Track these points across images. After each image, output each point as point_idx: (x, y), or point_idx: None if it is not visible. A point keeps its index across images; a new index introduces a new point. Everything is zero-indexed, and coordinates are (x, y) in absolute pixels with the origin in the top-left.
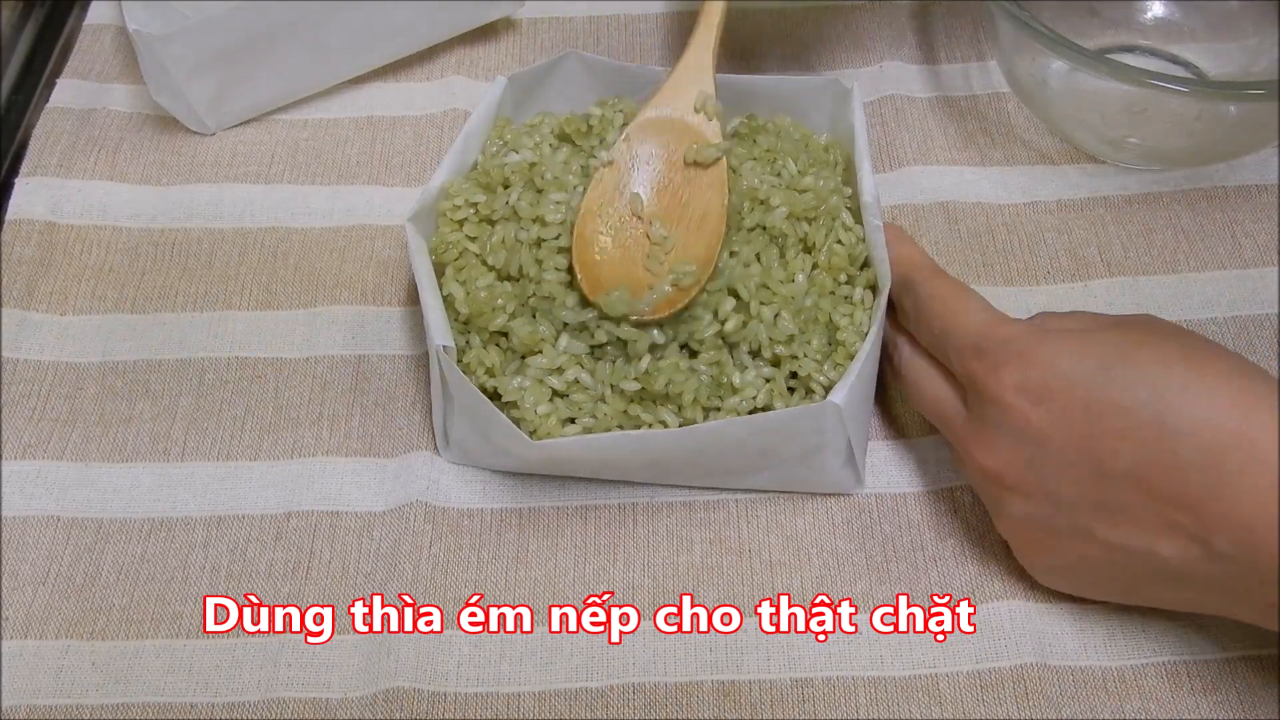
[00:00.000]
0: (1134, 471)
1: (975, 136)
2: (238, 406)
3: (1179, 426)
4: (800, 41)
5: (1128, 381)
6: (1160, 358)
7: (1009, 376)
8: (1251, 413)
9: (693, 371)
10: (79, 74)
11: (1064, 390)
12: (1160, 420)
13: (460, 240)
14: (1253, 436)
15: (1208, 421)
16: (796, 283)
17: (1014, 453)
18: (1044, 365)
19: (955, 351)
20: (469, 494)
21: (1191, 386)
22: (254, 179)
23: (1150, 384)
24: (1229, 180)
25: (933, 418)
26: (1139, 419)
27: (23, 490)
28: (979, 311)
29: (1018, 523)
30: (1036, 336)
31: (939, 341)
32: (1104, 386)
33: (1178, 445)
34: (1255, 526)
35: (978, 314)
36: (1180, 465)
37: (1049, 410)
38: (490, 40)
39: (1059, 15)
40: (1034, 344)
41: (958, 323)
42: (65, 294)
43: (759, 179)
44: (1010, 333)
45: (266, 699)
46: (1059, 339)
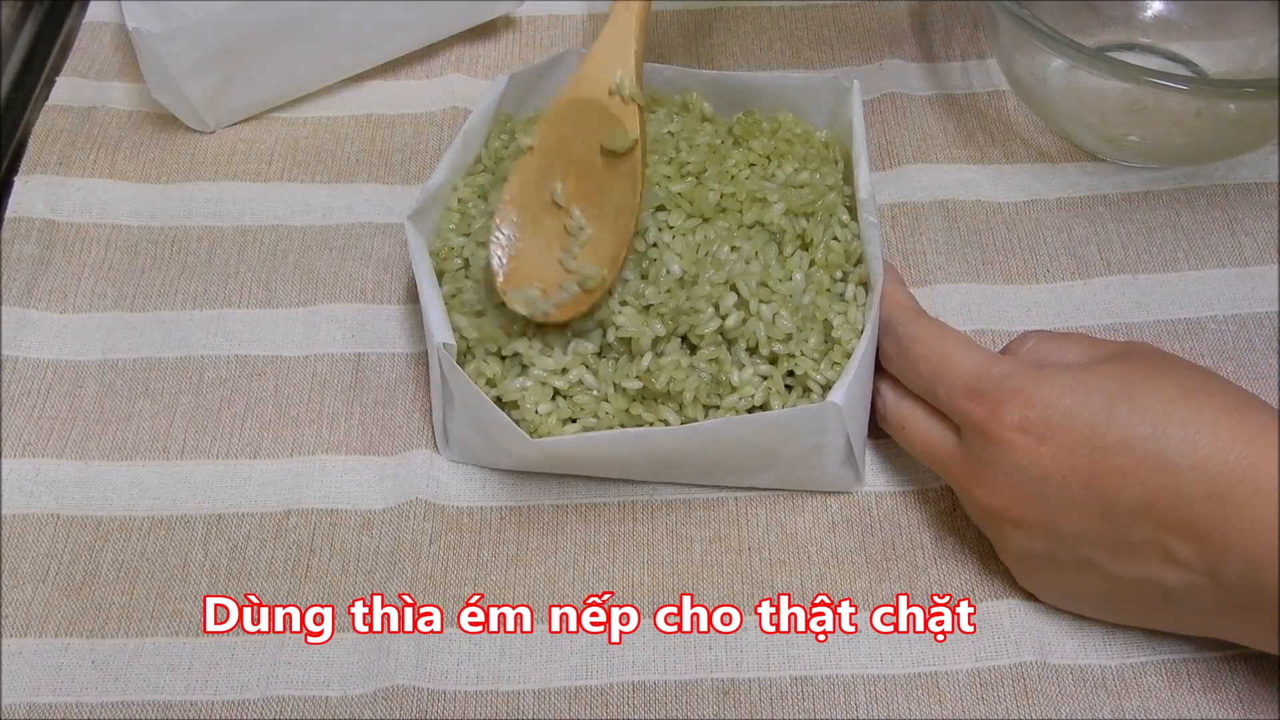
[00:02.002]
0: (1140, 506)
1: (975, 134)
2: (237, 405)
3: (1183, 460)
4: (800, 39)
5: (1131, 419)
6: (1161, 394)
7: (1010, 416)
8: (1253, 443)
9: (693, 369)
10: (78, 72)
11: (1068, 428)
12: (1164, 455)
13: (462, 246)
14: (1256, 467)
15: (1211, 455)
16: (794, 280)
17: (1017, 489)
18: (1045, 404)
19: (948, 393)
20: (469, 492)
21: (1193, 421)
22: (253, 177)
23: (1152, 420)
24: (1229, 178)
25: (926, 459)
26: (1143, 454)
27: (22, 488)
28: (968, 352)
29: (1022, 556)
30: (1034, 374)
31: (928, 384)
32: (1107, 424)
33: (1182, 479)
34: (1261, 555)
35: (967, 354)
36: (1186, 498)
37: (1053, 448)
38: (489, 38)
39: (1058, 13)
40: (1033, 382)
41: (948, 364)
42: (65, 292)
43: (756, 184)
44: (1005, 371)
45: (266, 697)
46: (1058, 376)
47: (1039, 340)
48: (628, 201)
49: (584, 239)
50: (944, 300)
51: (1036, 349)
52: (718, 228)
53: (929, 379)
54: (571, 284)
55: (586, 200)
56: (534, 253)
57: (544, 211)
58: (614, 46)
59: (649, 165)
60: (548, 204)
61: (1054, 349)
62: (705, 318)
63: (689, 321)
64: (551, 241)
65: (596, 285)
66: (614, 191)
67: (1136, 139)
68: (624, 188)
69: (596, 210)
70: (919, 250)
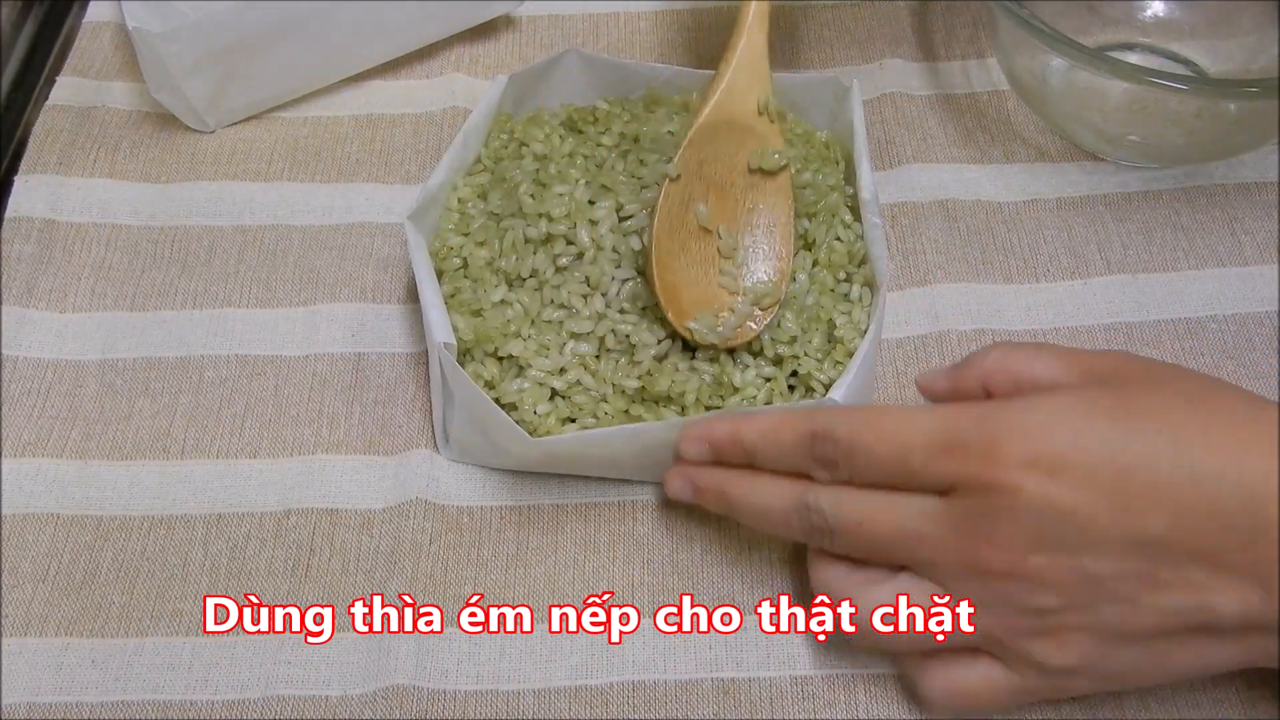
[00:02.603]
0: (1174, 531)
1: (975, 134)
2: (237, 404)
3: (1214, 477)
4: (800, 39)
5: (1146, 438)
6: (1167, 406)
7: (1012, 453)
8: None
9: (694, 371)
10: (78, 71)
11: (1081, 453)
12: (1193, 473)
13: (461, 246)
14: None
15: (1242, 469)
16: (798, 282)
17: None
18: (1047, 432)
19: (924, 460)
20: (469, 492)
21: (1213, 434)
22: (253, 176)
23: (1170, 438)
24: (1229, 178)
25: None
26: (1170, 477)
27: (22, 488)
28: (923, 411)
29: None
30: (1020, 405)
31: (897, 463)
32: (1124, 447)
33: (1218, 497)
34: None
35: (924, 413)
36: (1224, 515)
37: (1071, 480)
38: (490, 38)
39: (1059, 13)
40: (1021, 412)
41: (910, 430)
42: (65, 291)
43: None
44: (980, 412)
45: (266, 696)
46: (1049, 401)
47: (1002, 355)
48: (783, 215)
49: (739, 259)
50: (944, 300)
51: (1004, 365)
52: None
53: (896, 456)
54: (746, 303)
55: (731, 219)
56: (691, 282)
57: (690, 237)
58: (750, 65)
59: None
60: (694, 229)
61: (1023, 361)
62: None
63: None
64: (706, 265)
65: (772, 301)
66: (764, 207)
67: (1136, 139)
68: (775, 202)
69: (746, 226)
70: (919, 250)
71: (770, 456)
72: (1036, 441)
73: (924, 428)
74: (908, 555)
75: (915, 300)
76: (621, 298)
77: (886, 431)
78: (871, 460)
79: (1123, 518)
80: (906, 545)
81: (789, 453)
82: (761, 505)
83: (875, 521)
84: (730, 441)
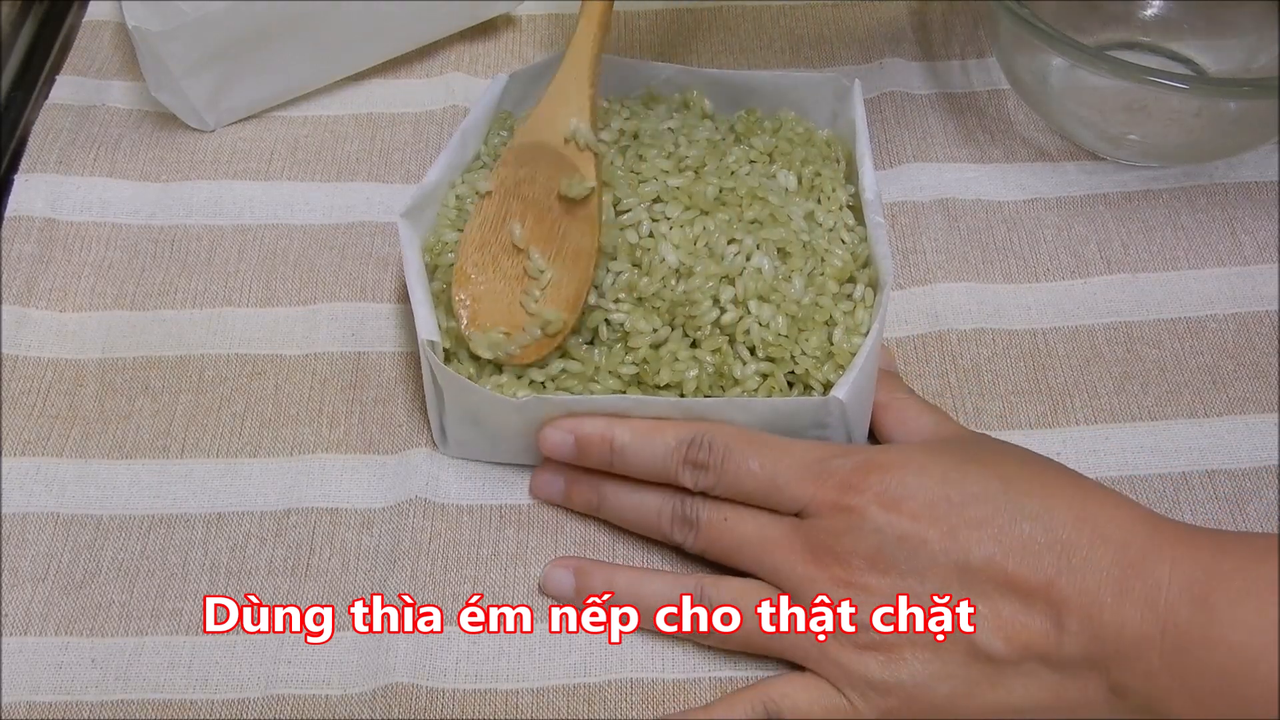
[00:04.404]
0: (994, 559)
1: (975, 133)
2: (237, 403)
3: (1032, 512)
4: (800, 38)
5: (981, 475)
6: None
7: (864, 485)
8: (1090, 498)
9: (694, 360)
10: (78, 70)
11: (924, 486)
12: (1016, 506)
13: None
14: (1095, 518)
15: (1055, 509)
16: (792, 282)
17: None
18: (897, 468)
19: (788, 480)
20: (469, 490)
21: (1037, 478)
22: (253, 176)
23: (1000, 477)
24: (1228, 177)
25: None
26: (995, 507)
27: (22, 487)
28: (806, 443)
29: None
30: (880, 450)
31: (765, 478)
32: (961, 479)
33: (1033, 530)
34: (1102, 601)
35: (806, 444)
36: (1035, 548)
37: (912, 507)
38: (489, 37)
39: (1059, 12)
40: (879, 453)
41: (785, 454)
42: (65, 291)
43: (758, 180)
44: (850, 453)
45: (266, 696)
46: (902, 448)
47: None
48: (586, 245)
49: (545, 281)
50: (944, 299)
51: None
52: (717, 220)
53: (766, 472)
54: (534, 328)
55: (544, 242)
56: (495, 294)
57: (503, 252)
58: (568, 92)
59: (647, 160)
60: (507, 245)
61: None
62: (704, 309)
63: (685, 314)
64: (512, 283)
65: (558, 330)
66: (572, 234)
67: (1137, 138)
68: (582, 230)
69: (555, 252)
70: (919, 249)
71: (641, 459)
72: (887, 475)
73: (798, 452)
74: (760, 560)
75: (915, 300)
76: (616, 288)
77: (765, 449)
78: (742, 471)
79: (951, 544)
80: (764, 549)
81: (660, 457)
82: (635, 502)
83: (741, 519)
84: (599, 440)
